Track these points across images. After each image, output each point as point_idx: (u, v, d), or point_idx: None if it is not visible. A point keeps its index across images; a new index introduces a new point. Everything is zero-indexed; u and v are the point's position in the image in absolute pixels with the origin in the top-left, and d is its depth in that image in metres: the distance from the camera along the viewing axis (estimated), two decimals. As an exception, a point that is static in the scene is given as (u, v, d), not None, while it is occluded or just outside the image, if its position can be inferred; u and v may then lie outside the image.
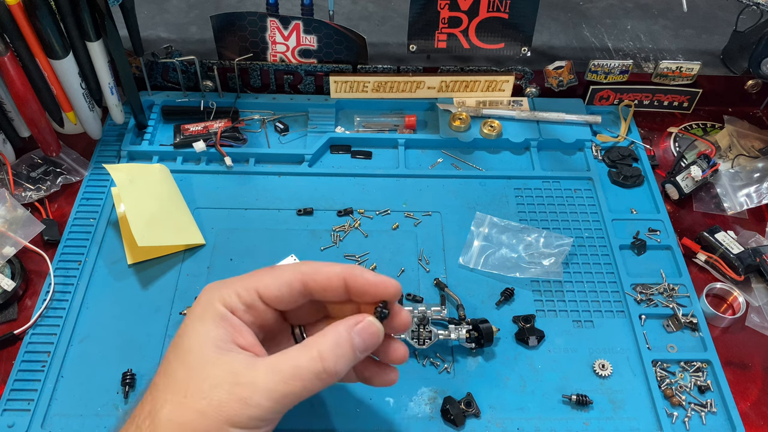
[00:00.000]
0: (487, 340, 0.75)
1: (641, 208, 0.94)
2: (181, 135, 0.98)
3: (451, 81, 1.04)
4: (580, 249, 0.89)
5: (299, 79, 1.05)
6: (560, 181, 0.97)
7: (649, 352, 0.78)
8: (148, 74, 1.03)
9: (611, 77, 1.04)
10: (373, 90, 1.04)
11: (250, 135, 1.00)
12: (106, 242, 0.86)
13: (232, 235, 0.88)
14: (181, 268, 0.84)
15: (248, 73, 1.04)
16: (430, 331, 0.76)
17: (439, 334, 0.76)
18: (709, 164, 0.94)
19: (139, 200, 0.86)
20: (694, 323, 0.81)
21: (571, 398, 0.74)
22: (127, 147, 0.97)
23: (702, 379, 0.76)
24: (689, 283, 0.85)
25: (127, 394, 0.72)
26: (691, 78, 1.04)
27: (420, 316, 0.76)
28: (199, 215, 0.90)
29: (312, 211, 0.91)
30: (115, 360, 0.75)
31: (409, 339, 0.75)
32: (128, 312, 0.80)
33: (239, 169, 0.96)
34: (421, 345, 0.75)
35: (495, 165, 0.99)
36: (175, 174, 0.95)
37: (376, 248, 0.87)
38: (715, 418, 0.73)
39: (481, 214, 0.90)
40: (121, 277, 0.83)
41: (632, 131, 1.05)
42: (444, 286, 0.82)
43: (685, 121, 1.09)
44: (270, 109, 1.04)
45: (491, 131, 1.00)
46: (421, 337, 0.75)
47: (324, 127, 1.01)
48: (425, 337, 0.75)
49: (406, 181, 0.96)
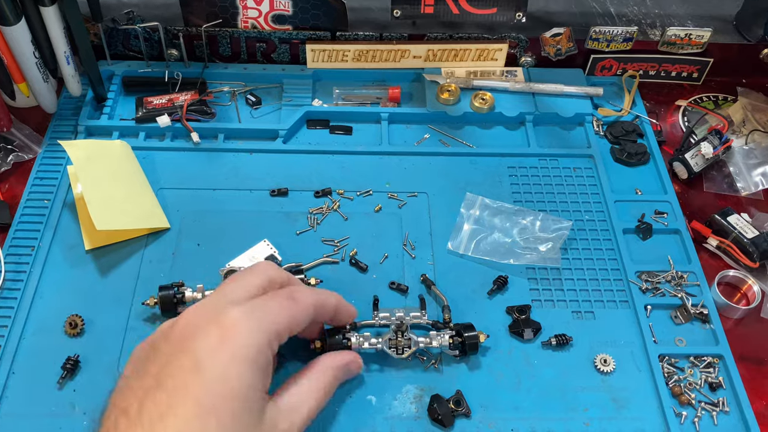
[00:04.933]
0: (471, 349, 0.74)
1: (647, 189, 0.94)
2: (144, 108, 0.97)
3: (438, 49, 1.03)
4: (580, 233, 0.88)
5: (273, 47, 1.05)
6: (558, 159, 0.96)
7: (656, 346, 0.77)
8: (108, 42, 1.02)
9: (614, 45, 1.04)
10: (354, 59, 1.04)
11: (219, 109, 0.99)
12: (62, 226, 0.86)
13: (199, 218, 0.87)
14: (143, 254, 0.83)
15: (217, 41, 1.04)
16: (410, 338, 0.73)
17: (419, 342, 0.74)
18: (721, 140, 0.94)
19: (98, 180, 0.85)
20: (704, 314, 0.80)
21: (551, 342, 0.76)
22: (84, 121, 0.96)
23: (713, 375, 0.76)
24: (699, 271, 0.85)
25: (63, 380, 0.72)
26: (701, 46, 1.04)
27: (397, 323, 0.74)
28: (164, 196, 0.89)
29: (287, 192, 0.90)
30: (72, 354, 0.74)
31: (387, 348, 0.73)
32: (86, 302, 0.79)
33: (207, 146, 0.95)
34: (400, 354, 0.73)
35: (487, 141, 0.98)
36: (136, 151, 0.94)
37: (356, 232, 0.87)
38: (727, 418, 0.72)
39: (471, 195, 0.90)
40: (78, 264, 0.82)
41: (637, 104, 1.05)
42: (431, 284, 0.80)
43: (695, 93, 1.08)
44: (241, 81, 1.04)
45: (483, 104, 0.99)
46: (399, 345, 0.73)
47: (300, 100, 1.01)
48: (404, 346, 0.73)
49: (389, 158, 0.95)
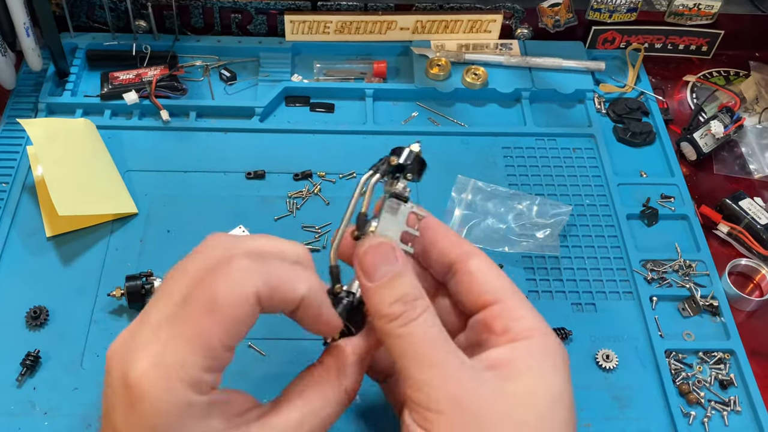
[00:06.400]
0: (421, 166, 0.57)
1: (652, 171, 0.93)
2: (110, 84, 0.96)
3: (428, 21, 1.03)
4: (580, 219, 0.87)
5: (249, 18, 1.04)
6: (557, 139, 0.96)
7: (662, 341, 0.77)
8: (71, 12, 1.00)
9: (617, 16, 1.04)
10: (336, 31, 1.03)
11: (190, 85, 0.99)
12: (21, 211, 0.84)
13: (169, 203, 0.86)
14: (109, 242, 0.82)
15: (189, 11, 1.03)
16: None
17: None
18: (733, 119, 0.93)
19: (60, 161, 0.84)
20: (714, 306, 0.79)
21: None
22: (45, 98, 0.95)
23: (724, 372, 0.75)
24: (709, 259, 0.84)
25: (22, 377, 0.70)
26: (711, 17, 1.04)
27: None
28: (131, 179, 0.88)
29: (264, 174, 0.90)
30: (32, 350, 0.73)
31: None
32: (47, 293, 0.78)
33: (178, 125, 0.94)
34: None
35: (480, 120, 0.98)
36: (102, 130, 0.92)
37: (339, 218, 0.83)
38: (739, 419, 0.72)
39: (463, 178, 0.88)
40: (39, 252, 0.81)
41: (642, 80, 1.04)
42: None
43: (704, 68, 1.08)
44: (214, 54, 1.03)
45: (475, 80, 0.99)
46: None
47: (278, 75, 1.01)
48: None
49: (374, 138, 0.95)
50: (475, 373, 0.49)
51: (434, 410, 0.48)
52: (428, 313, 0.50)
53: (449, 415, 0.47)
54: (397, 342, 0.50)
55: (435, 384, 0.48)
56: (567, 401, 0.50)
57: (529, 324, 0.52)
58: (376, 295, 0.51)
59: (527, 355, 0.51)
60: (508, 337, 0.51)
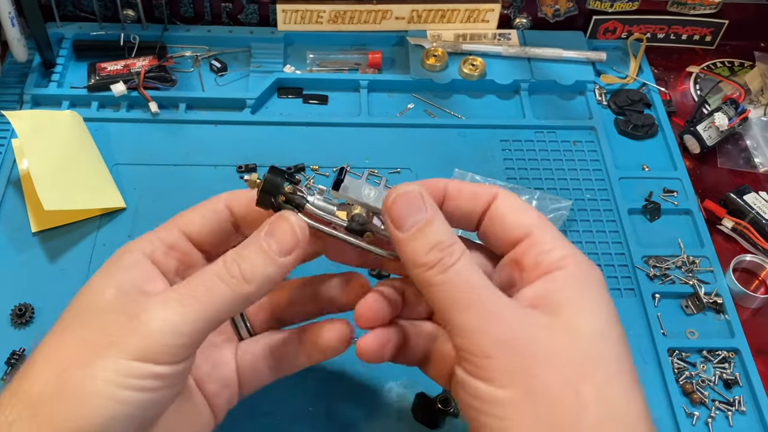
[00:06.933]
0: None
1: (655, 165, 0.93)
2: (97, 75, 0.96)
3: (423, 10, 1.02)
4: (580, 213, 0.87)
5: (240, 7, 1.04)
6: (556, 132, 0.95)
7: (665, 339, 0.76)
8: (57, 1, 0.99)
9: (618, 5, 1.03)
10: (330, 21, 1.03)
11: (180, 76, 0.99)
12: (6, 205, 0.84)
13: (158, 197, 0.86)
14: (96, 237, 0.82)
15: (178, 0, 1.03)
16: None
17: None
18: (737, 111, 0.93)
19: (46, 155, 0.84)
20: (718, 303, 0.79)
21: None
22: (31, 90, 0.95)
23: (728, 371, 0.75)
24: (713, 255, 0.84)
25: (7, 376, 0.71)
26: (715, 6, 1.03)
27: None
28: (119, 172, 0.88)
29: (255, 168, 0.90)
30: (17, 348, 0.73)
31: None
32: (33, 290, 0.77)
33: (167, 117, 0.94)
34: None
35: (477, 112, 0.98)
36: (89, 123, 0.92)
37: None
38: (744, 419, 0.71)
39: (460, 171, 0.88)
40: (25, 248, 0.81)
41: (644, 71, 1.03)
42: None
43: (708, 58, 1.07)
44: (205, 45, 1.03)
45: (473, 71, 0.98)
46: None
47: (270, 66, 1.00)
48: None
49: (369, 130, 0.94)
50: (519, 313, 0.47)
51: (485, 355, 0.46)
52: (465, 257, 0.48)
53: (501, 359, 0.46)
54: (438, 291, 0.48)
55: (481, 327, 0.46)
56: (614, 335, 0.47)
57: (560, 254, 0.50)
58: (410, 245, 0.49)
59: (564, 286, 0.48)
60: (539, 271, 0.49)
